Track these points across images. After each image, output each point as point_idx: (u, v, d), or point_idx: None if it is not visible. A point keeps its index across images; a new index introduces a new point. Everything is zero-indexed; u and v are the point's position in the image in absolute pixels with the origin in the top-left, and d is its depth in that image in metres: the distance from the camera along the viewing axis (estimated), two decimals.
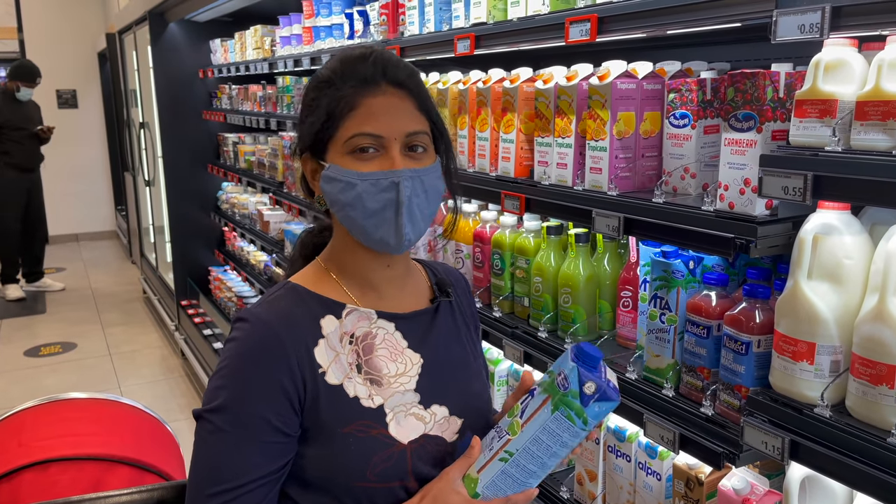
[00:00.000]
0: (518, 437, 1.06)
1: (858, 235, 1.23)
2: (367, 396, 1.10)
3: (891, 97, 1.11)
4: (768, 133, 1.31)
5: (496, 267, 2.14)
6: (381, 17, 2.65)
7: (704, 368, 1.50)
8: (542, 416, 1.05)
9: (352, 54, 1.13)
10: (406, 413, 1.12)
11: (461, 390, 1.19)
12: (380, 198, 1.08)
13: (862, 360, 1.18)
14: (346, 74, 1.10)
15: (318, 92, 1.12)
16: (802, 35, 1.15)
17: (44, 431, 1.56)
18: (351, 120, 1.09)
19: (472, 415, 1.19)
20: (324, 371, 1.09)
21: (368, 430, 1.08)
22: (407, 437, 1.10)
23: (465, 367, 1.24)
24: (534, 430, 1.05)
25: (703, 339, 1.48)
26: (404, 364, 1.15)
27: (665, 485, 1.69)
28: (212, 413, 1.05)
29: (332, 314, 1.13)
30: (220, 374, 1.08)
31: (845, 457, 1.18)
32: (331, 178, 1.10)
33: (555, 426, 1.04)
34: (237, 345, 1.08)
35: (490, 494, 1.08)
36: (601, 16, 1.56)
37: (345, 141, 1.09)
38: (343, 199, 1.10)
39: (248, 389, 1.05)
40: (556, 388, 1.05)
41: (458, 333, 1.25)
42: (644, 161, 1.68)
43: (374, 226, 1.10)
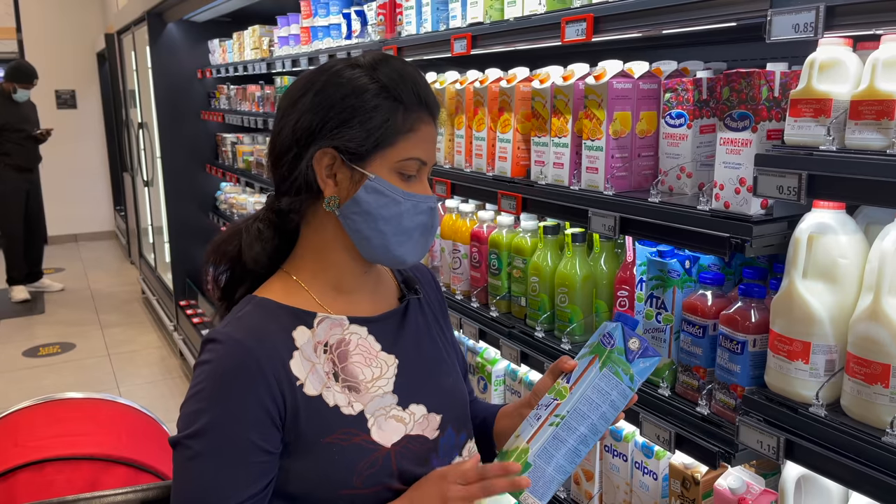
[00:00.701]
0: (567, 400, 1.08)
1: (853, 235, 1.23)
2: (347, 404, 1.09)
3: (885, 96, 1.11)
4: (763, 132, 1.31)
5: (493, 267, 2.14)
6: (379, 17, 2.65)
7: (700, 368, 1.50)
8: (590, 374, 1.08)
9: (410, 70, 1.11)
10: (386, 416, 1.12)
11: (436, 387, 1.20)
12: (416, 219, 1.12)
13: (857, 359, 1.18)
14: (409, 92, 1.09)
15: (378, 99, 1.08)
16: (797, 34, 1.15)
17: (40, 431, 1.56)
18: (408, 141, 1.10)
19: (449, 409, 1.20)
20: (301, 383, 1.07)
21: (351, 437, 1.08)
22: (389, 441, 1.10)
23: (439, 363, 1.24)
24: (583, 388, 1.07)
25: (698, 339, 1.49)
26: (380, 368, 1.14)
27: (661, 484, 1.69)
28: (192, 438, 1.02)
29: (304, 324, 1.11)
30: (197, 398, 1.04)
31: (840, 456, 1.18)
32: (376, 191, 1.09)
33: (603, 384, 1.07)
34: (212, 367, 1.05)
35: (542, 463, 1.07)
36: (597, 15, 1.57)
37: (398, 159, 1.10)
38: (383, 213, 1.10)
39: (228, 411, 1.03)
40: (601, 346, 1.09)
41: (428, 329, 1.25)
42: (640, 161, 1.68)
43: (400, 243, 1.12)
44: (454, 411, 1.21)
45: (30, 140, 6.87)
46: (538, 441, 1.08)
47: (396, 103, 1.09)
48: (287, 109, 1.12)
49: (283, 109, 1.13)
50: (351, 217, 1.11)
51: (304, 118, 1.08)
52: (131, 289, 7.49)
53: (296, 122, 1.09)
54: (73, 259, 8.82)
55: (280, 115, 1.13)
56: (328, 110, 1.08)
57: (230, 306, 1.18)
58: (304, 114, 1.08)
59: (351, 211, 1.10)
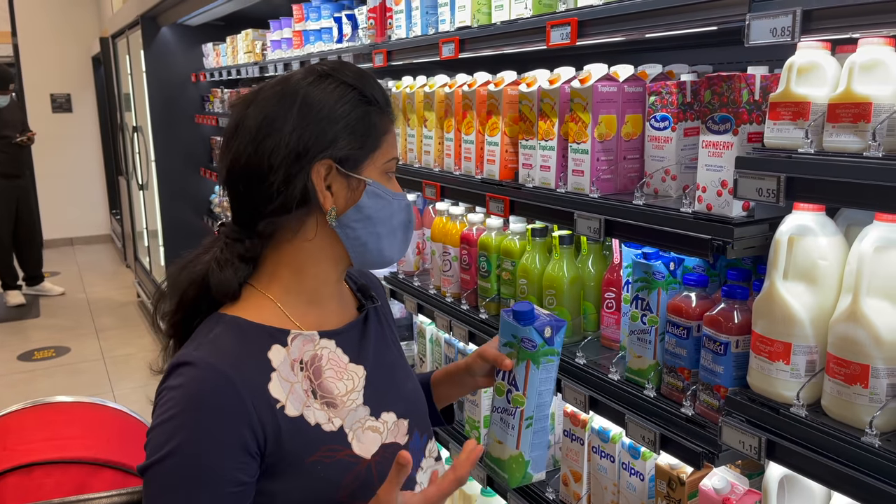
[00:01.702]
0: (528, 403, 1.26)
1: (833, 237, 1.25)
2: (327, 420, 1.08)
3: (861, 99, 1.12)
4: (744, 135, 1.33)
5: (483, 269, 2.16)
6: (369, 21, 2.67)
7: (685, 369, 1.51)
8: (533, 376, 1.25)
9: (372, 75, 1.14)
10: (363, 428, 1.11)
11: (400, 392, 1.21)
12: (401, 217, 1.16)
13: (836, 359, 1.20)
14: (385, 100, 1.13)
15: (365, 109, 1.09)
16: (774, 38, 1.16)
17: (29, 435, 1.57)
18: (388, 141, 1.13)
19: (414, 413, 1.22)
20: (283, 405, 1.04)
21: (335, 454, 1.07)
22: (369, 452, 1.10)
23: (398, 368, 1.26)
24: (534, 389, 1.26)
25: (683, 340, 1.50)
26: (351, 380, 1.14)
27: (648, 485, 1.70)
28: (161, 466, 0.98)
29: (278, 343, 1.08)
30: (168, 426, 0.99)
31: (821, 456, 1.18)
32: (376, 195, 1.11)
33: (545, 374, 1.26)
34: (184, 392, 1.00)
35: (535, 453, 1.28)
36: (581, 19, 1.58)
37: (385, 160, 1.13)
38: (381, 215, 1.12)
39: (203, 440, 0.98)
40: (526, 351, 1.25)
41: (385, 336, 1.26)
42: (626, 163, 1.70)
43: (390, 243, 1.16)
44: (417, 415, 1.23)
45: (14, 146, 6.79)
46: (525, 443, 1.28)
47: (373, 106, 1.11)
48: (262, 129, 1.06)
49: (253, 129, 1.06)
50: (351, 225, 1.11)
51: (296, 135, 1.05)
52: (127, 292, 7.49)
53: (287, 141, 1.05)
54: (69, 263, 8.81)
55: (250, 137, 1.06)
56: (319, 123, 1.06)
57: (181, 339, 1.13)
58: (295, 130, 1.05)
59: (352, 219, 1.10)
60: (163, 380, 1.04)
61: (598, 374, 1.70)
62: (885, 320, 1.14)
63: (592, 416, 1.86)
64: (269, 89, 1.10)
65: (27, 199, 7.14)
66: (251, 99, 1.10)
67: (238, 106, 1.11)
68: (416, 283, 2.53)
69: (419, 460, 1.20)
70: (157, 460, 0.98)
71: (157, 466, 0.98)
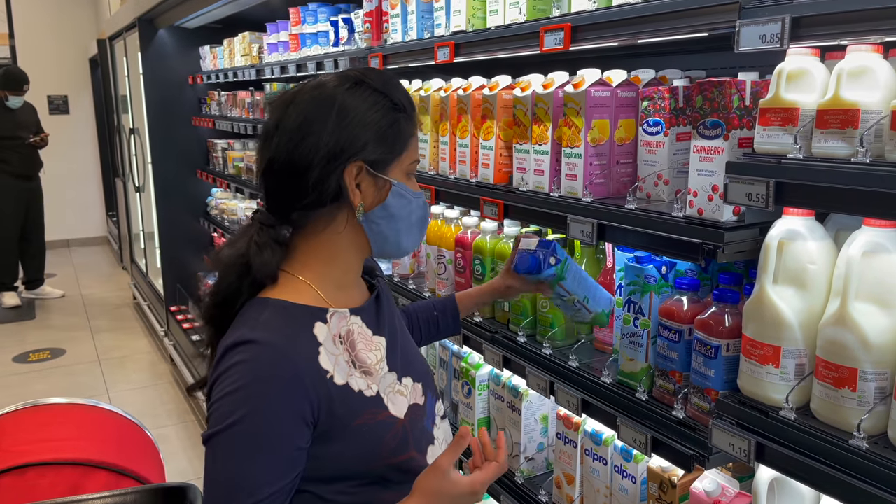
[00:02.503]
0: (578, 295, 1.65)
1: (822, 241, 1.26)
2: (367, 387, 1.20)
3: (849, 106, 1.13)
4: (735, 140, 1.34)
5: (477, 272, 2.16)
6: (366, 25, 2.68)
7: (676, 372, 1.52)
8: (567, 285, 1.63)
9: (398, 81, 1.25)
10: (393, 392, 1.24)
11: (413, 358, 1.35)
12: (420, 213, 1.27)
13: (825, 363, 1.21)
14: (408, 101, 1.23)
15: (394, 115, 1.20)
16: (764, 45, 1.17)
17: (23, 436, 1.57)
18: (412, 146, 1.24)
19: (425, 377, 1.34)
20: (331, 375, 1.16)
21: (376, 416, 1.18)
22: (401, 412, 1.23)
23: (407, 337, 1.39)
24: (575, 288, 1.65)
25: (674, 343, 1.51)
26: (378, 350, 1.26)
27: (640, 487, 1.71)
28: (227, 433, 1.08)
29: (320, 321, 1.20)
30: (234, 396, 1.09)
31: (809, 458, 1.19)
32: (400, 195, 1.23)
33: (571, 279, 1.64)
34: (248, 367, 1.10)
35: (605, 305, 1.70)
36: (574, 25, 1.59)
37: (409, 162, 1.24)
38: (403, 212, 1.24)
39: (265, 411, 1.08)
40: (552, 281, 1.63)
41: (392, 310, 1.38)
42: (619, 168, 1.71)
43: (408, 237, 1.27)
44: (427, 378, 1.35)
45: (27, 147, 6.83)
46: (596, 306, 1.68)
47: (400, 112, 1.21)
48: (301, 130, 1.16)
49: (293, 130, 1.17)
50: (376, 221, 1.23)
51: (333, 138, 1.16)
52: (123, 294, 7.49)
53: (326, 142, 1.16)
54: (65, 265, 8.81)
55: (288, 136, 1.17)
56: (353, 128, 1.17)
57: (225, 317, 1.20)
58: (332, 133, 1.16)
59: (378, 216, 1.22)
60: (219, 359, 1.13)
61: (591, 377, 1.71)
62: (872, 324, 1.15)
63: (585, 419, 1.87)
64: (307, 92, 1.20)
65: (37, 200, 7.13)
66: (290, 100, 1.20)
67: (277, 105, 1.21)
68: (411, 286, 2.54)
69: (433, 419, 1.33)
70: (224, 428, 1.08)
71: (224, 433, 1.08)
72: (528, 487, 2.03)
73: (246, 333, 1.12)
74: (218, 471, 1.09)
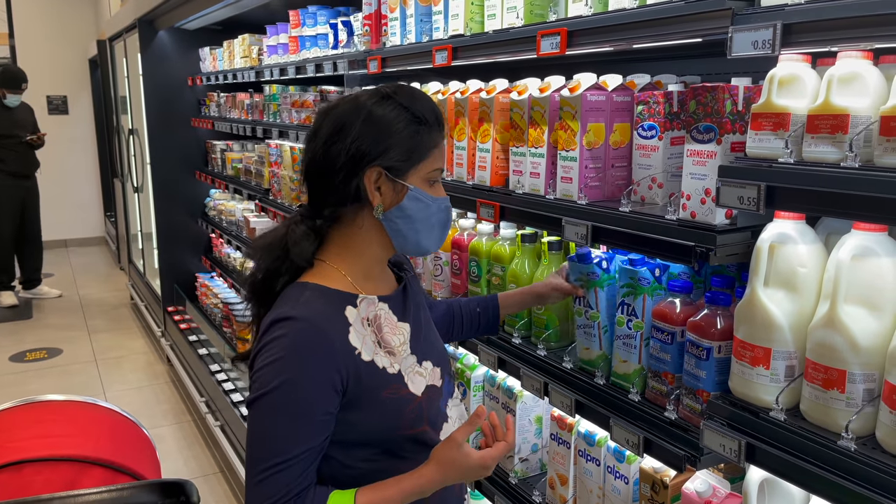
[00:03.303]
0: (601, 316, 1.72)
1: (812, 245, 1.27)
2: (390, 365, 1.34)
3: (839, 111, 1.15)
4: (728, 145, 1.36)
5: (473, 274, 2.18)
6: (364, 28, 2.70)
7: (669, 373, 1.53)
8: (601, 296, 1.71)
9: (428, 98, 1.37)
10: (413, 372, 1.37)
11: (433, 345, 1.47)
12: (439, 217, 1.38)
13: (815, 364, 1.22)
14: (434, 118, 1.34)
15: (414, 127, 1.32)
16: (756, 51, 1.19)
17: (19, 432, 1.58)
18: (433, 155, 1.35)
19: (443, 362, 1.47)
20: (359, 352, 1.30)
21: (398, 391, 1.32)
22: (419, 391, 1.36)
23: (431, 326, 1.52)
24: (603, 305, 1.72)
25: (667, 345, 1.52)
26: (402, 335, 1.40)
27: (632, 488, 1.72)
28: (269, 395, 1.23)
29: (350, 304, 1.34)
30: (275, 365, 1.24)
31: (799, 459, 1.21)
32: (416, 199, 1.34)
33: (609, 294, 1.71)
34: (289, 340, 1.25)
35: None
36: (570, 30, 1.61)
37: (429, 170, 1.35)
38: (419, 215, 1.35)
39: (301, 378, 1.23)
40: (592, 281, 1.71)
41: (419, 301, 1.50)
42: (613, 171, 1.72)
43: (427, 237, 1.38)
44: (445, 364, 1.48)
45: (25, 145, 6.83)
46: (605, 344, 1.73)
47: (423, 126, 1.33)
48: (332, 136, 1.32)
49: (326, 135, 1.33)
50: (394, 220, 1.35)
51: (355, 144, 1.30)
52: (120, 294, 7.49)
53: (348, 148, 1.30)
54: (63, 264, 8.81)
55: (323, 141, 1.33)
56: (375, 136, 1.31)
57: (266, 294, 1.37)
58: (355, 141, 1.30)
59: (395, 216, 1.34)
60: (263, 333, 1.28)
61: (585, 378, 1.73)
62: (861, 327, 1.17)
63: (579, 421, 1.88)
64: (344, 104, 1.35)
65: (34, 200, 7.13)
66: (329, 109, 1.37)
67: (320, 113, 1.39)
68: None
69: (447, 399, 1.45)
70: (266, 392, 1.23)
71: (266, 397, 1.23)
72: (522, 488, 2.04)
73: (287, 311, 1.28)
74: (257, 431, 1.25)
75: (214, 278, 5.44)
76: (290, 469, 1.23)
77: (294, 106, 3.66)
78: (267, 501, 1.22)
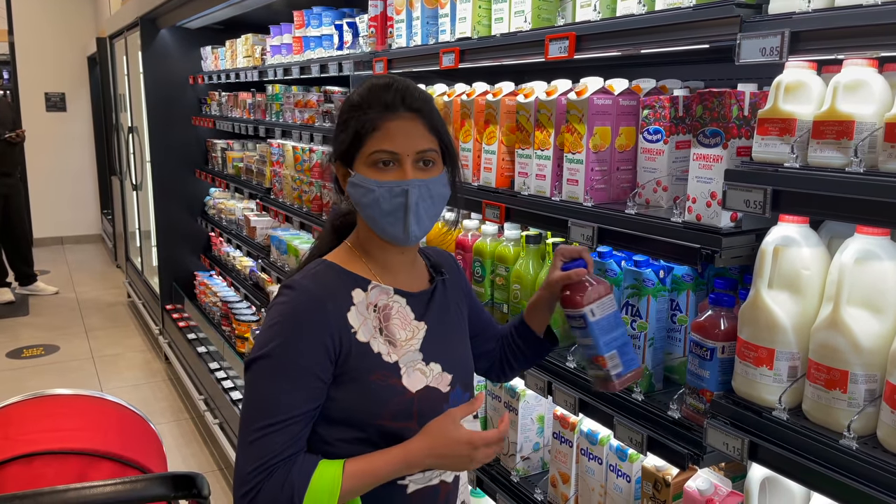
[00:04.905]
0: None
1: (816, 248, 1.30)
2: (387, 353, 1.34)
3: (845, 118, 1.18)
4: (734, 149, 1.38)
5: (477, 274, 2.20)
6: (370, 30, 2.72)
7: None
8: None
9: (378, 83, 1.35)
10: (414, 368, 1.36)
11: (451, 351, 1.44)
12: (393, 202, 1.32)
13: (817, 365, 1.25)
14: (372, 101, 1.32)
15: (349, 114, 1.34)
16: (764, 58, 1.22)
17: (29, 426, 1.59)
18: (373, 139, 1.31)
19: (459, 371, 1.44)
20: (355, 331, 1.32)
21: (387, 379, 1.32)
22: (415, 387, 1.34)
23: (455, 334, 1.49)
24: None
25: None
26: (412, 331, 1.39)
27: (634, 486, 1.74)
28: (263, 359, 1.26)
29: (360, 287, 1.36)
30: (271, 330, 1.28)
31: (800, 457, 1.24)
32: (356, 185, 1.34)
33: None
34: (286, 306, 1.30)
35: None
36: (579, 34, 1.63)
37: (368, 155, 1.32)
38: (365, 201, 1.33)
39: (294, 343, 1.26)
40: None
41: (449, 306, 1.49)
42: (619, 174, 1.75)
43: (388, 223, 1.33)
44: (463, 374, 1.45)
45: (3, 143, 6.74)
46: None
47: (361, 113, 1.32)
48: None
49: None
50: (358, 209, 1.37)
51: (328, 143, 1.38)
52: (116, 292, 7.49)
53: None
54: (59, 262, 8.79)
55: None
56: (333, 131, 1.40)
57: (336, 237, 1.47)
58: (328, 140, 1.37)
59: (354, 204, 1.36)
60: (274, 298, 1.34)
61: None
62: (863, 328, 1.20)
63: (581, 419, 1.91)
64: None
65: (17, 197, 7.09)
66: None
67: None
68: None
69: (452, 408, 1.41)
70: (261, 356, 1.27)
71: (260, 360, 1.27)
72: (524, 486, 2.06)
73: (294, 280, 1.34)
74: (250, 392, 1.28)
75: (213, 277, 5.44)
76: (280, 432, 1.23)
77: (297, 106, 3.68)
78: (256, 462, 1.22)
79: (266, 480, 1.22)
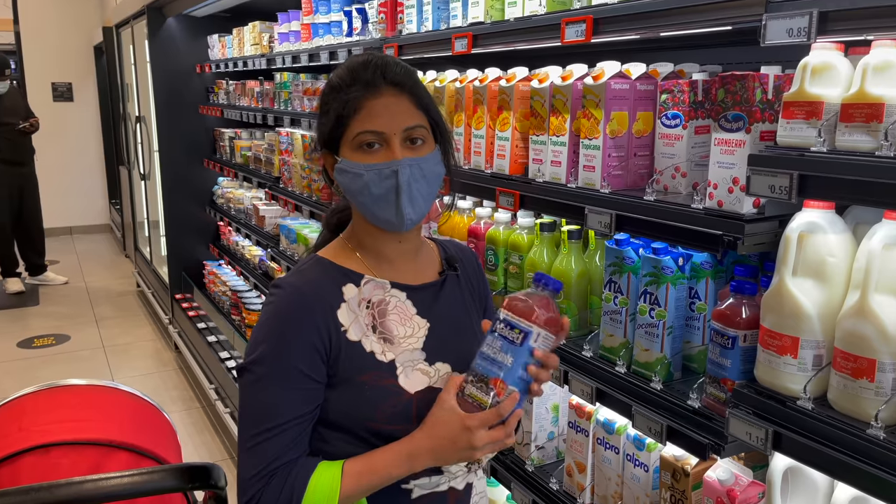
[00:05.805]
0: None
1: (842, 234, 1.27)
2: (381, 352, 1.27)
3: (874, 100, 1.15)
4: (757, 133, 1.35)
5: (490, 262, 2.18)
6: (380, 16, 2.69)
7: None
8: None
9: (356, 61, 1.29)
10: (413, 368, 1.28)
11: (461, 350, 1.33)
12: (383, 184, 1.25)
13: (844, 354, 1.22)
14: (352, 80, 1.25)
15: (329, 97, 1.28)
16: (790, 39, 1.19)
17: (44, 417, 1.59)
18: (356, 120, 1.25)
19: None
20: (345, 329, 1.26)
21: (380, 380, 1.25)
22: (414, 388, 1.26)
23: (465, 331, 1.38)
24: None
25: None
26: (412, 328, 1.32)
27: (652, 476, 1.73)
28: (253, 365, 1.23)
29: (353, 283, 1.30)
30: (261, 333, 1.25)
31: (826, 447, 1.22)
32: (342, 171, 1.27)
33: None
34: (274, 307, 1.26)
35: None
36: (596, 17, 1.60)
37: (353, 138, 1.25)
38: (353, 187, 1.27)
39: (283, 344, 1.22)
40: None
41: (461, 302, 1.41)
42: (636, 160, 1.72)
43: (380, 208, 1.26)
44: None
45: (16, 133, 6.72)
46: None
47: (342, 94, 1.26)
48: None
49: None
50: (348, 197, 1.31)
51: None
52: (126, 282, 7.50)
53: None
54: (68, 252, 8.81)
55: None
56: (318, 123, 1.33)
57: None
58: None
59: (344, 192, 1.31)
60: (266, 298, 1.31)
61: (605, 366, 1.73)
62: (892, 316, 1.17)
63: (598, 409, 1.89)
64: None
65: (30, 187, 7.09)
66: None
67: None
68: None
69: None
70: (251, 361, 1.24)
71: (251, 365, 1.23)
72: (539, 475, 2.05)
73: (283, 278, 1.30)
74: (244, 399, 1.25)
75: (222, 266, 5.44)
76: (276, 437, 1.20)
77: (306, 94, 3.65)
78: (255, 469, 1.20)
79: (266, 486, 1.19)
